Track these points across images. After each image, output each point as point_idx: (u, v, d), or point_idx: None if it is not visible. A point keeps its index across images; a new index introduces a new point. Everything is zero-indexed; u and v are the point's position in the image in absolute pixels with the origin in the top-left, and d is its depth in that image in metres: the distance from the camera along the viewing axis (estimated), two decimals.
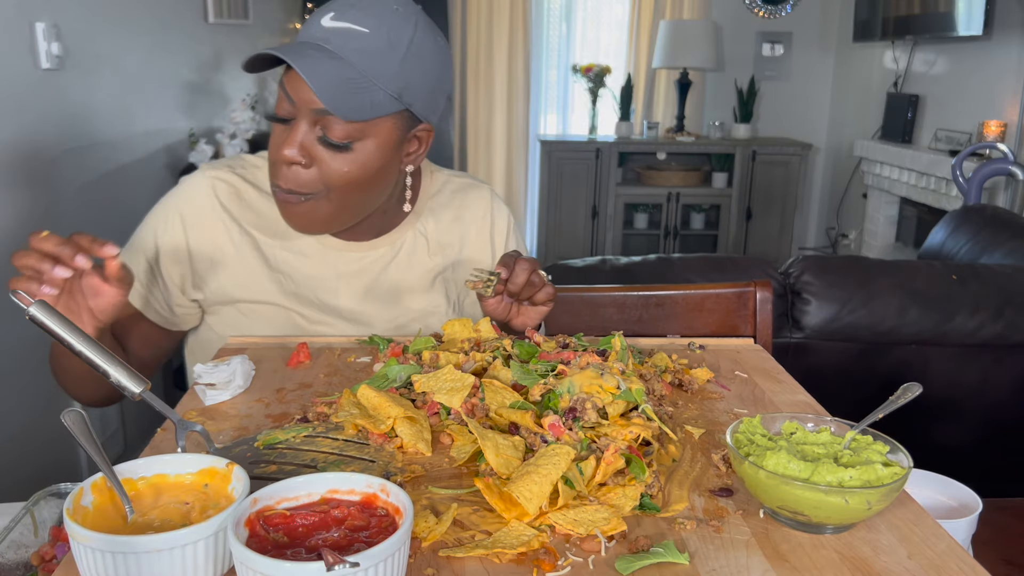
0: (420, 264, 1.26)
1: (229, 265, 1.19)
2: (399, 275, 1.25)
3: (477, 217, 1.31)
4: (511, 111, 5.38)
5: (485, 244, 1.32)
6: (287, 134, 1.07)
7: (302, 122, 1.06)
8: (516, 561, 0.67)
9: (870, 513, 0.70)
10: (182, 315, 1.23)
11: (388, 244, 1.25)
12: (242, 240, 1.19)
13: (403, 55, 1.06)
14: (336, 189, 1.09)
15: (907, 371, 1.90)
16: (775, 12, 5.19)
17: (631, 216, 5.12)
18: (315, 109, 1.05)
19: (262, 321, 1.21)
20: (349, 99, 1.04)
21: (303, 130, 1.07)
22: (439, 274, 1.28)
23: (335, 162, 1.08)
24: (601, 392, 0.89)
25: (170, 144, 3.05)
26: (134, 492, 0.68)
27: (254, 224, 1.20)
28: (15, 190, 1.99)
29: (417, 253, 1.26)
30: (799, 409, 0.99)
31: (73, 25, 2.25)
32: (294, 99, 1.06)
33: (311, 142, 1.07)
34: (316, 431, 0.88)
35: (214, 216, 1.19)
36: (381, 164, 1.11)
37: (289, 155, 1.06)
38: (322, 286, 1.22)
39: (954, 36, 3.74)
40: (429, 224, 1.28)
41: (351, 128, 1.06)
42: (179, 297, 1.21)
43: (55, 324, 0.80)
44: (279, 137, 1.09)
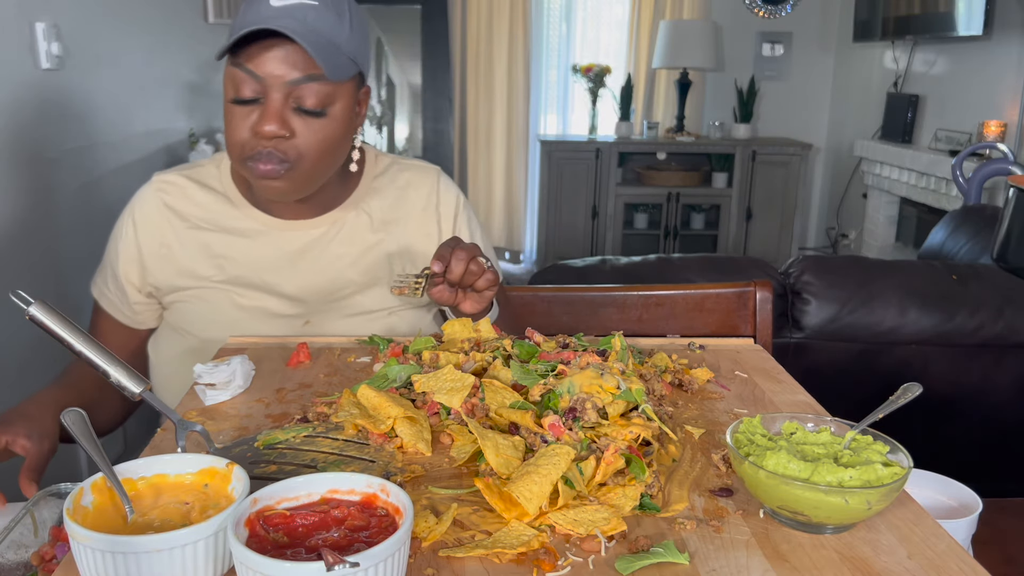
0: (362, 240, 1.29)
1: (175, 258, 1.25)
2: (342, 249, 1.28)
3: (422, 195, 1.34)
4: (511, 111, 5.38)
5: (431, 222, 1.34)
6: (258, 112, 1.11)
7: (274, 96, 1.11)
8: (516, 561, 0.67)
9: (870, 513, 0.70)
10: (142, 311, 1.30)
11: (331, 222, 1.29)
12: (187, 234, 1.26)
13: (349, 21, 1.14)
14: (309, 156, 1.14)
15: (907, 371, 1.90)
16: (775, 12, 5.19)
17: (631, 216, 5.12)
18: (288, 81, 1.10)
19: (202, 305, 1.25)
20: (333, 60, 1.10)
21: (276, 102, 1.11)
22: (384, 251, 1.30)
23: (310, 130, 1.13)
24: (601, 392, 0.89)
25: (170, 144, 3.05)
26: (134, 492, 0.68)
27: (198, 217, 1.27)
28: (15, 190, 1.99)
29: (360, 230, 1.29)
30: (799, 409, 0.99)
31: (73, 25, 2.25)
32: (262, 76, 1.10)
33: (287, 114, 1.12)
34: (316, 431, 0.88)
35: (160, 216, 1.26)
36: (346, 127, 1.18)
37: (272, 130, 1.10)
38: (267, 266, 1.26)
39: (954, 36, 3.74)
40: (373, 202, 1.31)
41: (322, 95, 1.12)
42: (135, 295, 1.28)
43: (55, 324, 0.80)
44: (245, 118, 1.12)
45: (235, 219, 1.27)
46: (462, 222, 1.36)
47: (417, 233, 1.33)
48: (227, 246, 1.25)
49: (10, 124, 1.98)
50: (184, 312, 1.26)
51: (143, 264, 1.26)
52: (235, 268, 1.25)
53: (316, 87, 1.11)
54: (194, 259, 1.25)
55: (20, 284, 1.44)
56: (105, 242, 1.32)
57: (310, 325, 1.25)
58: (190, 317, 1.25)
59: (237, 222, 1.26)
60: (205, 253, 1.25)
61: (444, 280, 1.08)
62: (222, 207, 1.27)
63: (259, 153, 1.12)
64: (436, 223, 1.34)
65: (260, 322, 1.24)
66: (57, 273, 2.16)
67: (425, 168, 1.37)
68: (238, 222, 1.26)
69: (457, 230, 1.35)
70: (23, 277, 1.99)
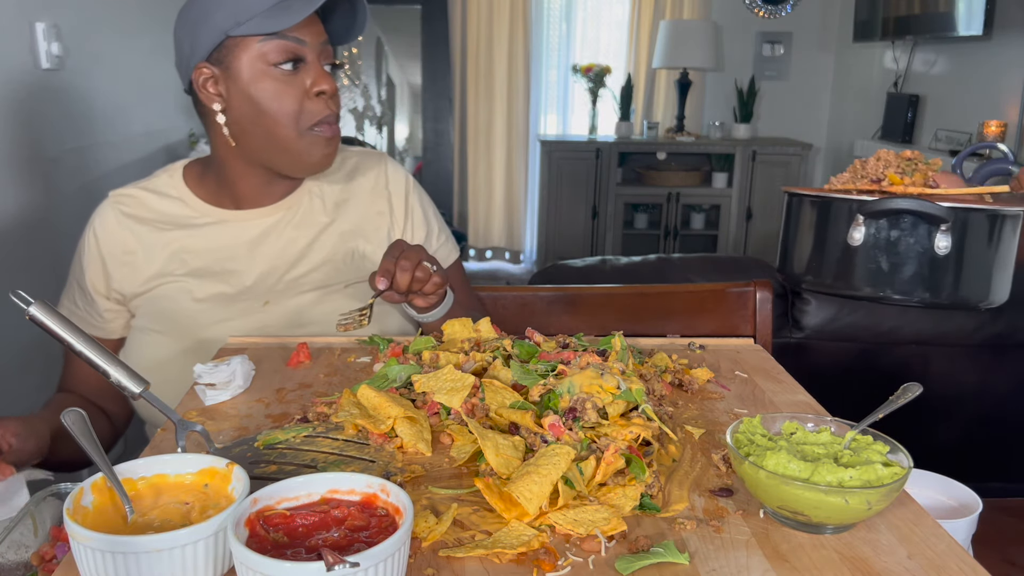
0: (316, 222, 1.33)
1: (138, 264, 1.29)
2: (297, 232, 1.32)
3: (370, 177, 1.39)
4: (511, 111, 5.38)
5: (381, 200, 1.38)
6: (308, 75, 1.20)
7: (312, 58, 1.20)
8: (516, 561, 0.67)
9: (870, 513, 0.70)
10: (112, 319, 1.33)
11: (286, 208, 1.33)
12: (148, 238, 1.29)
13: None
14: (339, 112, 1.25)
15: (907, 371, 1.90)
16: (775, 12, 5.19)
17: (631, 216, 5.12)
18: (324, 40, 1.21)
19: (164, 301, 1.27)
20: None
21: (317, 63, 1.21)
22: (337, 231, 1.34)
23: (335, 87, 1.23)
24: (601, 392, 0.89)
25: (170, 144, 3.05)
26: (134, 492, 0.68)
27: (157, 221, 1.30)
28: (15, 190, 1.99)
29: (314, 212, 1.34)
30: (799, 409, 0.99)
31: (73, 25, 2.25)
32: (306, 39, 1.19)
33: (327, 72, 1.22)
34: (316, 431, 0.88)
35: (119, 226, 1.30)
36: None
37: (332, 86, 1.21)
38: (227, 256, 1.29)
39: (954, 36, 3.74)
40: (324, 187, 1.36)
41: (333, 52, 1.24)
42: (104, 303, 1.31)
43: (55, 324, 0.80)
44: (289, 86, 1.19)
45: (192, 218, 1.31)
46: (414, 200, 1.41)
47: (369, 211, 1.37)
48: (187, 242, 1.29)
49: (10, 124, 1.98)
50: (151, 311, 1.28)
51: (108, 273, 1.30)
52: (197, 261, 1.29)
53: (331, 48, 1.23)
54: (157, 260, 1.29)
55: (20, 284, 1.43)
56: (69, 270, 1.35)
57: (269, 304, 1.27)
58: (157, 314, 1.27)
59: (195, 219, 1.31)
60: (167, 251, 1.29)
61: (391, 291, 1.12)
62: (179, 209, 1.31)
63: (325, 117, 1.21)
64: (387, 201, 1.38)
65: (221, 308, 1.27)
66: (57, 273, 2.16)
67: (372, 153, 1.44)
68: (195, 219, 1.31)
69: (410, 208, 1.40)
70: (23, 277, 1.99)
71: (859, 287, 0.95)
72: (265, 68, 1.18)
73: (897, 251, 0.91)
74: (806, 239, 0.98)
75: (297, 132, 1.20)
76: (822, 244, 0.96)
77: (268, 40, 1.17)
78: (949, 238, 0.88)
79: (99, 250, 1.30)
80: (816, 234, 0.97)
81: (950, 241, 0.88)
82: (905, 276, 0.92)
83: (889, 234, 0.90)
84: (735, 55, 5.23)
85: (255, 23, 1.16)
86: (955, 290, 0.92)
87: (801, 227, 0.99)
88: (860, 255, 0.93)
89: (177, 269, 1.28)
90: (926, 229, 0.89)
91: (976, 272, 0.92)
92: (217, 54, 1.20)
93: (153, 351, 1.26)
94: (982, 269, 0.92)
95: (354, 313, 1.12)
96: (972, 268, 0.92)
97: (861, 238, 0.91)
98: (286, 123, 1.20)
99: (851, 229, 0.91)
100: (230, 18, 1.17)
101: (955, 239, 0.89)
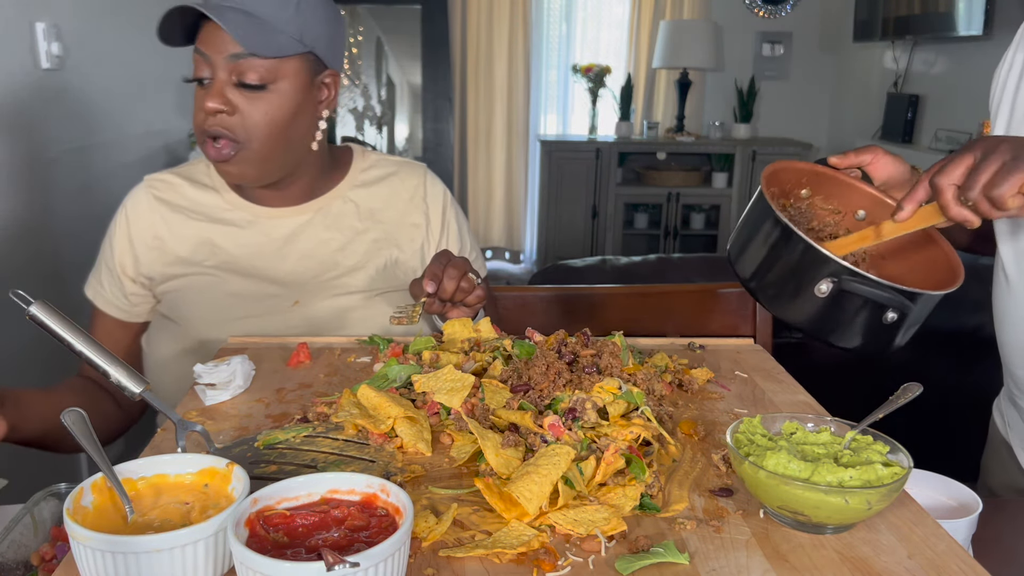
0: (348, 226, 1.33)
1: (167, 249, 1.29)
2: (328, 234, 1.32)
3: (408, 187, 1.39)
4: (511, 111, 5.37)
5: (417, 212, 1.38)
6: (207, 91, 1.17)
7: (219, 73, 1.17)
8: (516, 561, 0.67)
9: (870, 513, 0.70)
10: (138, 303, 1.32)
11: (315, 209, 1.33)
12: (178, 225, 1.30)
13: (296, 2, 1.18)
14: (257, 134, 1.18)
15: (907, 371, 1.90)
16: (775, 12, 5.19)
17: (631, 216, 5.12)
18: (228, 56, 1.15)
19: (192, 292, 1.28)
20: (257, 37, 1.15)
21: (221, 80, 1.17)
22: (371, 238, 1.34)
23: (254, 105, 1.18)
24: (601, 392, 0.89)
25: (169, 144, 3.05)
26: (134, 492, 0.68)
27: (189, 209, 1.31)
28: (15, 190, 1.99)
29: (346, 217, 1.34)
30: (799, 409, 0.99)
31: (73, 25, 2.25)
32: (208, 53, 1.16)
33: (230, 90, 1.17)
34: (316, 431, 0.88)
35: (151, 211, 1.30)
36: (295, 106, 1.21)
37: (213, 106, 1.16)
38: (257, 252, 1.30)
39: (954, 36, 3.73)
40: (359, 193, 1.36)
41: (263, 70, 1.16)
42: (131, 286, 1.31)
43: (55, 324, 0.80)
44: (201, 98, 1.18)
45: (224, 210, 1.31)
46: (451, 215, 1.41)
47: (404, 221, 1.36)
48: (217, 234, 1.30)
49: (10, 124, 1.98)
50: (176, 300, 1.28)
51: (136, 256, 1.30)
52: (225, 255, 1.29)
53: (256, 62, 1.16)
54: (186, 248, 1.29)
55: (20, 284, 1.43)
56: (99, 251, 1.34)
57: (299, 305, 1.28)
58: (182, 304, 1.27)
59: (226, 212, 1.31)
60: (196, 241, 1.29)
61: (436, 296, 1.12)
62: (212, 199, 1.31)
63: (207, 131, 1.19)
64: (424, 213, 1.38)
65: (250, 305, 1.27)
66: (57, 273, 2.16)
67: (412, 164, 1.43)
68: (227, 212, 1.31)
69: (446, 222, 1.40)
70: (23, 277, 1.99)
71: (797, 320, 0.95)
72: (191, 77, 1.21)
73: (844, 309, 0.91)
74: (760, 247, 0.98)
75: (200, 144, 1.22)
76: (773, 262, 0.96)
77: (194, 51, 1.20)
78: (898, 314, 0.90)
79: (129, 232, 1.30)
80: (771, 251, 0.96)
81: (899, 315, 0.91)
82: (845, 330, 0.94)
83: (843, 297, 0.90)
84: (735, 55, 5.23)
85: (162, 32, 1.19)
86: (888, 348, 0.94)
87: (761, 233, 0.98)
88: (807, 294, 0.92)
89: (205, 260, 1.28)
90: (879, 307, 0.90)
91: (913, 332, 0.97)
92: None
93: (171, 343, 1.27)
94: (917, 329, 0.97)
95: (408, 307, 1.12)
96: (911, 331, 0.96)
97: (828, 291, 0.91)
98: (195, 131, 1.22)
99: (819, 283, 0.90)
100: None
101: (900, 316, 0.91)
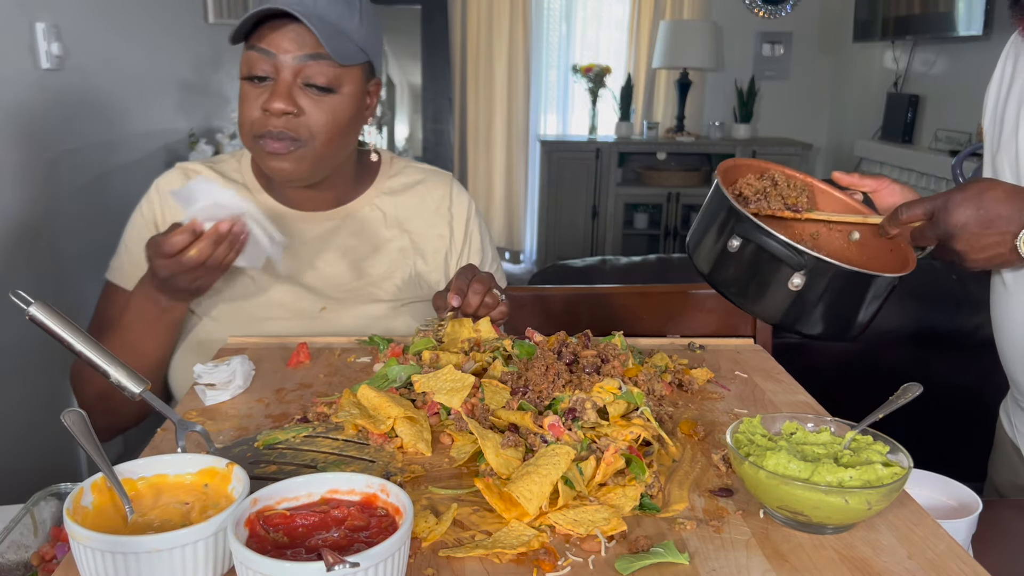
0: (375, 234, 1.34)
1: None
2: (355, 242, 1.32)
3: (435, 197, 1.39)
4: (511, 111, 5.37)
5: (443, 223, 1.38)
6: (270, 90, 1.17)
7: (283, 73, 1.17)
8: (516, 561, 0.67)
9: (870, 513, 0.70)
10: None
11: (343, 216, 1.33)
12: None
13: (359, 12, 1.22)
14: (319, 136, 1.19)
15: (907, 371, 1.90)
16: (775, 12, 5.19)
17: (631, 216, 5.12)
18: (298, 57, 1.16)
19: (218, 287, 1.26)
20: (339, 44, 1.17)
21: (286, 80, 1.17)
22: (397, 247, 1.34)
23: (319, 108, 1.19)
24: (601, 392, 0.89)
25: (170, 144, 3.04)
26: (134, 492, 0.68)
27: None
28: (15, 190, 1.99)
29: (373, 224, 1.34)
30: (799, 409, 0.99)
31: (73, 25, 2.25)
32: (275, 53, 1.16)
33: (297, 91, 1.18)
34: (316, 431, 0.88)
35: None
36: (352, 112, 1.23)
37: (281, 106, 1.16)
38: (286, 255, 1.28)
39: (954, 36, 3.73)
40: (386, 201, 1.36)
41: (331, 75, 1.18)
42: None
43: (55, 324, 0.80)
44: (256, 97, 1.18)
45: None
46: (474, 227, 1.41)
47: (429, 232, 1.37)
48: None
49: (10, 124, 1.98)
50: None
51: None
52: None
53: (324, 66, 1.17)
54: None
55: (20, 284, 1.43)
56: (105, 241, 1.34)
57: (327, 311, 1.28)
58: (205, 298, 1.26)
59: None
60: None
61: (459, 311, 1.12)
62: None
63: (269, 132, 1.18)
64: (448, 224, 1.38)
65: (276, 307, 1.27)
66: (57, 273, 2.16)
67: (439, 173, 1.43)
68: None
69: (469, 234, 1.40)
70: (23, 277, 1.99)
71: (728, 291, 0.96)
72: (245, 75, 1.20)
73: (760, 272, 0.92)
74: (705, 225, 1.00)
75: (249, 138, 1.21)
76: (714, 239, 0.97)
77: (247, 49, 1.19)
78: (803, 278, 0.89)
79: (153, 211, 1.30)
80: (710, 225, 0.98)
81: (803, 280, 0.89)
82: (763, 299, 0.94)
83: (758, 256, 0.91)
84: (735, 55, 5.22)
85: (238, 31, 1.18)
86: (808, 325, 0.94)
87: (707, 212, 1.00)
88: (733, 263, 0.94)
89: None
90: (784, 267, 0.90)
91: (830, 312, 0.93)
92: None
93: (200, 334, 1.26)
94: (836, 311, 0.94)
95: (433, 321, 1.12)
96: (825, 309, 0.93)
97: (736, 248, 0.92)
98: (244, 129, 1.21)
99: (730, 237, 0.92)
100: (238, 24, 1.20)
101: (808, 280, 0.90)
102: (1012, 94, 1.15)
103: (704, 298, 1.53)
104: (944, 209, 0.97)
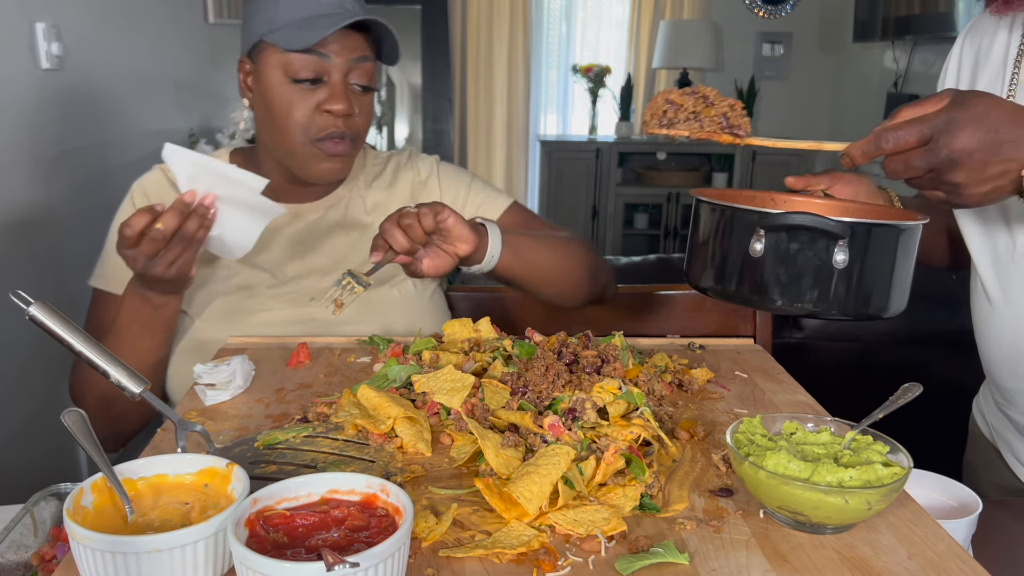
0: (357, 220, 1.35)
1: None
2: (341, 232, 1.34)
3: (408, 175, 1.41)
4: (511, 111, 5.37)
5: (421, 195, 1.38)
6: (324, 92, 1.20)
7: (335, 75, 1.20)
8: (516, 561, 0.67)
9: (870, 513, 0.70)
10: None
11: (326, 206, 1.36)
12: None
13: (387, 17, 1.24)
14: (363, 134, 1.27)
15: (907, 371, 1.90)
16: (775, 12, 5.19)
17: (631, 216, 5.12)
18: (352, 59, 1.20)
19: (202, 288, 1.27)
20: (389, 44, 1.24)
21: (338, 82, 1.21)
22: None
23: (364, 107, 1.25)
24: (601, 392, 0.89)
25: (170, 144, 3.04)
26: (134, 492, 0.68)
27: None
28: (15, 190, 1.99)
29: (355, 212, 1.36)
30: (799, 409, 0.99)
31: (73, 25, 2.25)
32: (332, 55, 1.19)
33: (349, 92, 1.22)
34: (316, 431, 0.88)
35: (163, 189, 1.31)
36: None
37: (343, 108, 1.20)
38: (269, 249, 1.30)
39: (954, 36, 3.72)
40: (363, 189, 1.38)
41: (371, 73, 1.24)
42: None
43: (55, 324, 0.80)
44: (307, 99, 1.20)
45: None
46: (442, 175, 1.41)
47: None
48: None
49: (10, 124, 1.98)
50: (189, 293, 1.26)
51: None
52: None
53: (368, 67, 1.23)
54: None
55: (20, 284, 1.43)
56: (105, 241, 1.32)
57: (315, 300, 1.28)
58: (190, 294, 1.26)
59: None
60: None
61: (394, 251, 1.04)
62: None
63: (332, 133, 1.21)
64: (425, 194, 1.39)
65: (263, 298, 1.27)
66: (57, 273, 2.16)
67: (398, 152, 1.45)
68: None
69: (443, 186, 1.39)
70: (23, 277, 1.99)
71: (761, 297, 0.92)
72: (285, 78, 1.19)
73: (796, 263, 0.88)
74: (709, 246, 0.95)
75: (305, 142, 1.22)
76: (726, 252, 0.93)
77: (286, 52, 1.19)
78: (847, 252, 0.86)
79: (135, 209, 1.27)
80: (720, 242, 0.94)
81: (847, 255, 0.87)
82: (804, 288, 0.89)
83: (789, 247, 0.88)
84: (735, 55, 5.22)
85: (284, 33, 1.18)
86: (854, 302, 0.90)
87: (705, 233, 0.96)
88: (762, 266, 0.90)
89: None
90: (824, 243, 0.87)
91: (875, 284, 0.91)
92: (254, 53, 1.23)
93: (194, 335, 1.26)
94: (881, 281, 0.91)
95: (332, 291, 1.05)
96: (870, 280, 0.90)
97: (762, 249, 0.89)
98: (295, 132, 1.21)
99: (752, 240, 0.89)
100: (265, 23, 1.20)
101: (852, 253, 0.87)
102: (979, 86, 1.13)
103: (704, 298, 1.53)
104: (947, 132, 0.81)
